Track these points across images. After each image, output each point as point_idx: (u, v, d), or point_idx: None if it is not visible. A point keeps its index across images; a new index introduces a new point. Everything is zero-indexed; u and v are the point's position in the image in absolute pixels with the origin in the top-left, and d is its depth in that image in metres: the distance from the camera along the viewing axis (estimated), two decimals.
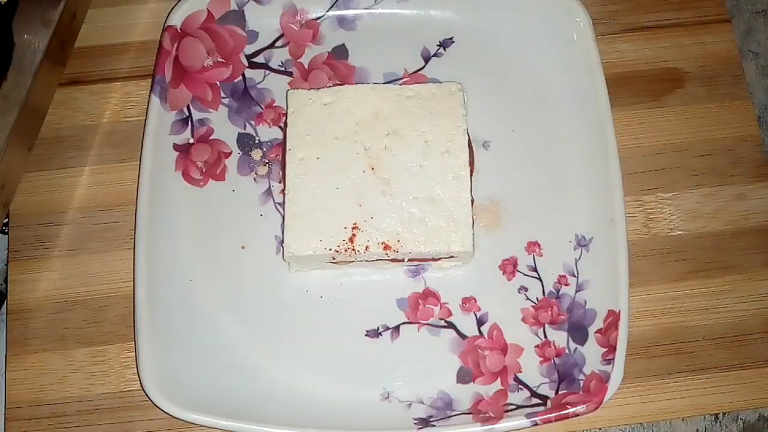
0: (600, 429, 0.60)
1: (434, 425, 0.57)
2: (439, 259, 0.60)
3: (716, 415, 0.60)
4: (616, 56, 0.68)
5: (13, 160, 0.60)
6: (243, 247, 0.61)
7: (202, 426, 0.57)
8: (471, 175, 0.60)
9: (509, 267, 0.61)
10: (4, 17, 0.59)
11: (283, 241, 0.59)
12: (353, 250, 0.58)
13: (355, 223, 0.58)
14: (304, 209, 0.59)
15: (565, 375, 0.58)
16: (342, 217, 0.59)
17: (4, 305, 0.62)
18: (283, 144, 0.62)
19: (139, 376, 0.57)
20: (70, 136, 0.65)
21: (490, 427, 0.56)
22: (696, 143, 0.65)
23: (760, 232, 0.63)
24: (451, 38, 0.66)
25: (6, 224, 0.63)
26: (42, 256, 0.62)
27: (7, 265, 0.63)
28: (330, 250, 0.58)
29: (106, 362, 0.60)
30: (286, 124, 0.62)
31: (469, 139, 0.61)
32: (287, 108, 0.61)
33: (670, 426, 0.61)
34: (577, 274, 0.61)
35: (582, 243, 0.61)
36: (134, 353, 0.58)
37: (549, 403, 0.57)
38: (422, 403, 0.58)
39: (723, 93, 0.67)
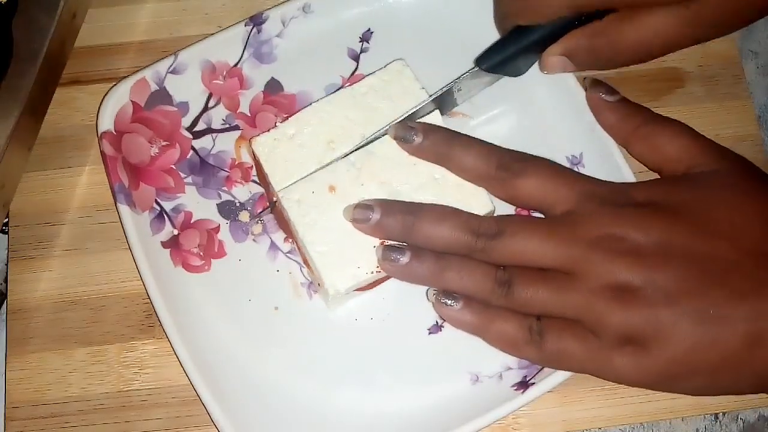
0: (600, 429, 0.60)
1: (534, 383, 0.55)
2: None
3: (716, 415, 0.60)
4: None
5: (13, 160, 0.60)
6: (276, 308, 0.60)
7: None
8: None
9: None
10: (4, 17, 0.59)
11: (315, 284, 0.58)
12: None
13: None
14: (327, 245, 0.56)
15: None
16: (365, 237, 0.56)
17: (4, 305, 0.62)
18: (268, 194, 0.60)
19: None
20: (70, 136, 0.65)
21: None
22: None
23: None
24: (368, 29, 0.65)
25: (6, 224, 0.63)
26: (42, 255, 0.62)
27: (7, 265, 0.63)
28: (371, 273, 0.56)
29: (106, 362, 0.60)
30: (260, 174, 0.59)
31: None
32: (256, 158, 0.58)
33: (670, 426, 0.60)
34: None
35: None
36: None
37: None
38: (511, 368, 0.57)
39: (723, 93, 0.67)
